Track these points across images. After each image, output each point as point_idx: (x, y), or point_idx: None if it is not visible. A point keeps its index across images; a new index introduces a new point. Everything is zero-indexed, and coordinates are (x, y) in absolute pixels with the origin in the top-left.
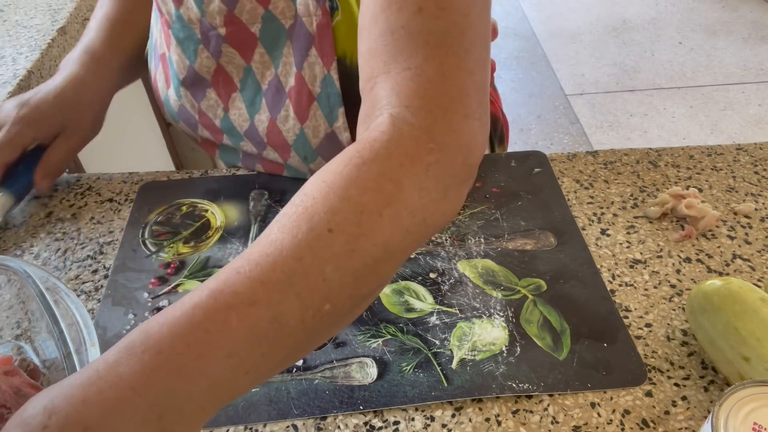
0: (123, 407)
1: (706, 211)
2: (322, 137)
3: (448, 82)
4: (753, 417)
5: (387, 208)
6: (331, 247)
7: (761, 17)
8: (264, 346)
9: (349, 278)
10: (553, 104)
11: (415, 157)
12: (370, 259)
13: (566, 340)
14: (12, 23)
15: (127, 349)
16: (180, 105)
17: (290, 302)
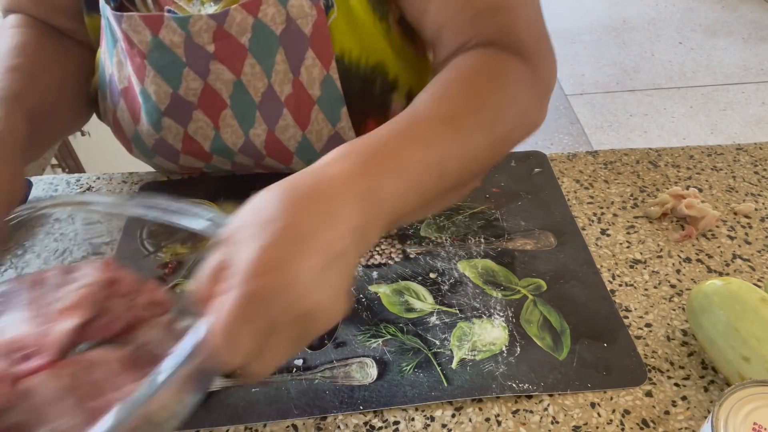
0: (337, 196)
1: (706, 211)
2: (326, 140)
3: (535, 24)
4: (753, 417)
5: (512, 105)
6: (481, 120)
7: (761, 17)
8: (433, 177)
9: (489, 145)
10: (553, 104)
11: (525, 74)
12: (502, 134)
13: (566, 340)
14: None
15: (334, 157)
16: (157, 139)
17: (454, 151)
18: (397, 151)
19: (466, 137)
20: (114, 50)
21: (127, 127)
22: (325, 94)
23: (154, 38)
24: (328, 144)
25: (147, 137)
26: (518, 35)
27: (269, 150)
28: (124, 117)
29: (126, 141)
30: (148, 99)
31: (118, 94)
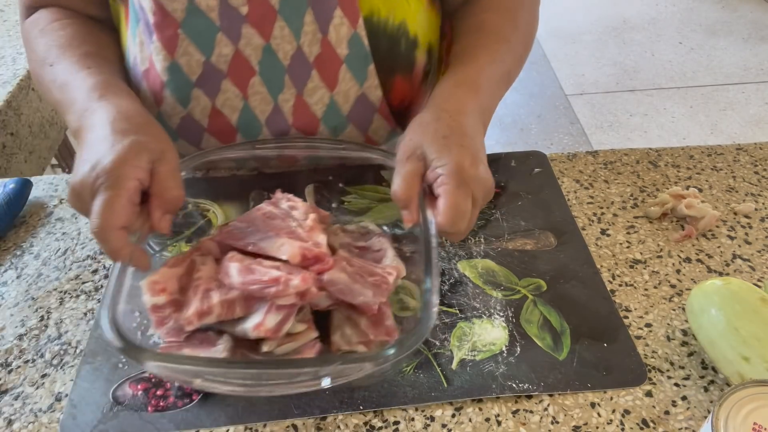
0: (472, 111)
1: (706, 211)
2: (353, 102)
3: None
4: (753, 417)
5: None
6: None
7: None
8: (503, 82)
9: (521, 42)
10: (553, 104)
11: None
12: (526, 35)
13: (566, 340)
14: (12, 23)
15: (453, 87)
16: (183, 117)
17: (509, 59)
18: (484, 76)
19: (513, 48)
20: (136, 30)
21: (150, 109)
22: (353, 53)
23: (189, 4)
24: (354, 106)
25: (171, 117)
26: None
27: (296, 117)
28: (146, 99)
29: None
30: (177, 72)
31: (140, 76)
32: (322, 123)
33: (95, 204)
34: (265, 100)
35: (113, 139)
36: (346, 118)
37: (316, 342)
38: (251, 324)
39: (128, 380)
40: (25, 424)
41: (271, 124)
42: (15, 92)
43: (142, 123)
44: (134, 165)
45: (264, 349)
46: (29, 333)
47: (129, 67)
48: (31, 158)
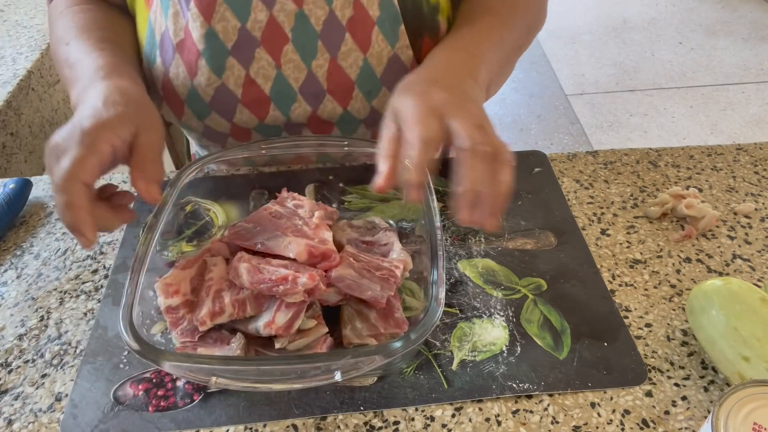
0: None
1: (706, 211)
2: (386, 63)
3: None
4: (753, 417)
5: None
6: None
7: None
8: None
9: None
10: (553, 104)
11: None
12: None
13: (566, 339)
14: (12, 23)
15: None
16: (217, 88)
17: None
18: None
19: (513, 28)
20: (170, 2)
21: (182, 85)
22: (384, 13)
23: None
24: (388, 67)
25: (205, 89)
26: None
27: (330, 82)
28: (179, 73)
29: (179, 103)
30: (213, 39)
31: (173, 49)
32: (357, 87)
33: (63, 159)
34: (298, 68)
35: (102, 108)
36: (379, 81)
37: (327, 337)
38: (262, 322)
39: (129, 380)
40: (25, 424)
41: (305, 91)
42: (15, 92)
43: (135, 100)
44: (112, 132)
45: (276, 346)
46: (29, 333)
47: (153, 45)
48: (31, 158)
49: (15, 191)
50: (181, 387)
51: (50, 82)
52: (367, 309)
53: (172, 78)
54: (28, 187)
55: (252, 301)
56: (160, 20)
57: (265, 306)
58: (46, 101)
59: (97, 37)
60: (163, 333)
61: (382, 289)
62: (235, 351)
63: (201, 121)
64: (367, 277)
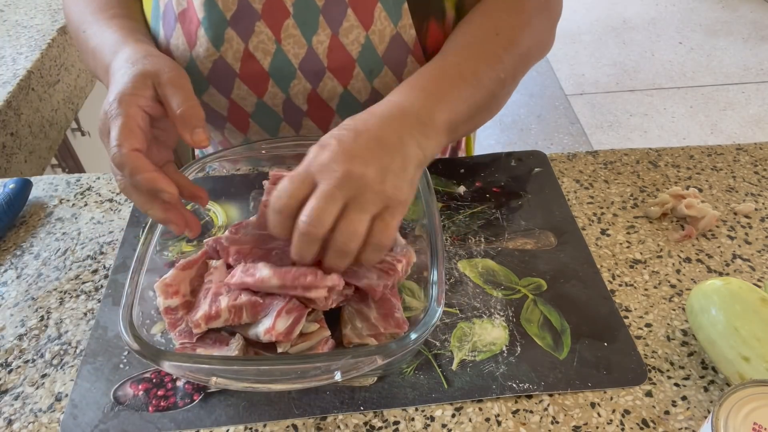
0: (400, 115)
1: (706, 211)
2: (388, 41)
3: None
4: (753, 417)
5: (527, 28)
6: (501, 42)
7: (761, 17)
8: (470, 89)
9: (512, 61)
10: (553, 104)
11: (541, 8)
12: (521, 52)
13: (566, 339)
14: (12, 23)
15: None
16: (215, 61)
17: (483, 68)
18: (443, 89)
19: (493, 59)
20: None
21: (181, 56)
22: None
23: None
24: (390, 46)
25: (203, 61)
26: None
27: (331, 60)
28: (179, 45)
29: None
30: (213, 8)
31: (174, 20)
32: (358, 65)
33: (108, 138)
34: (298, 43)
35: (124, 70)
36: (381, 59)
37: (329, 339)
38: (263, 328)
39: (129, 380)
40: (25, 424)
41: (305, 68)
42: (15, 92)
43: (153, 54)
44: (135, 94)
45: (279, 350)
46: (29, 333)
47: (156, 17)
48: (31, 158)
49: (15, 191)
50: (181, 387)
51: (50, 82)
52: (367, 308)
53: (172, 50)
54: (28, 187)
55: (249, 308)
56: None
57: (262, 314)
58: (46, 101)
59: (108, 17)
60: (163, 333)
61: (379, 278)
62: (234, 352)
63: (199, 97)
64: (364, 268)
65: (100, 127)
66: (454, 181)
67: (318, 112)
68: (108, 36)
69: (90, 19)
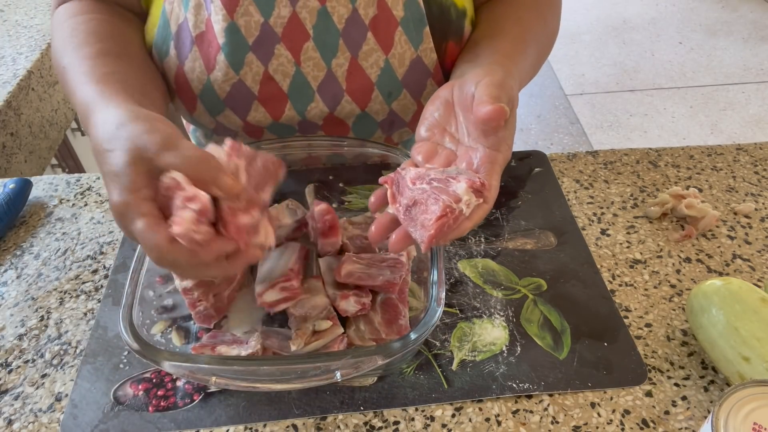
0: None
1: (706, 211)
2: (408, 65)
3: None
4: (753, 417)
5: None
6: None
7: (761, 17)
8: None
9: (546, 41)
10: (553, 104)
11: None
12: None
13: (567, 339)
14: (12, 23)
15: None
16: (233, 84)
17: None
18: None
19: (539, 40)
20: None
21: (197, 79)
22: (409, 14)
23: None
24: (410, 69)
25: (221, 84)
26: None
27: (350, 83)
28: (195, 67)
29: (191, 98)
30: (235, 34)
31: (191, 42)
32: (377, 88)
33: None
34: (318, 66)
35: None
36: (400, 83)
37: (344, 338)
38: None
39: (129, 380)
40: (25, 424)
41: (323, 90)
42: (15, 92)
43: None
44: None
45: (292, 348)
46: (29, 333)
47: (167, 37)
48: (31, 158)
49: (15, 191)
50: (181, 387)
51: (50, 82)
52: (373, 312)
53: (187, 71)
54: (28, 187)
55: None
56: (178, 11)
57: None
58: (46, 101)
59: (90, 54)
60: (163, 333)
61: (392, 273)
62: (250, 351)
63: (213, 117)
64: (375, 268)
65: (120, 225)
66: None
67: (333, 128)
68: (84, 88)
69: (71, 52)
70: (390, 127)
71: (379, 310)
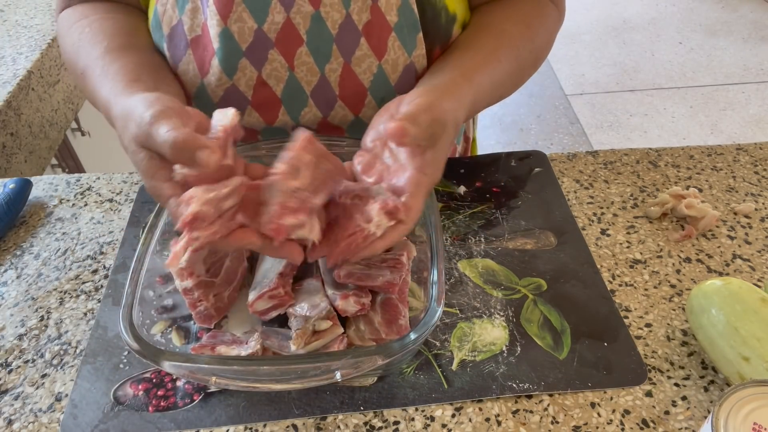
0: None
1: (706, 211)
2: (401, 71)
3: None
4: (753, 417)
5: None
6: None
7: (761, 17)
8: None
9: (529, 57)
10: (553, 104)
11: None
12: (536, 49)
13: (566, 339)
14: (12, 23)
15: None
16: (227, 89)
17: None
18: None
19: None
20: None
21: (191, 82)
22: (402, 20)
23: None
24: (402, 75)
25: (215, 89)
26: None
27: (342, 88)
28: (189, 70)
29: (188, 96)
30: (229, 39)
31: (185, 45)
32: (370, 93)
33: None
34: (311, 71)
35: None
36: (393, 88)
37: (344, 338)
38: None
39: (129, 380)
40: (25, 424)
41: (316, 96)
42: (15, 92)
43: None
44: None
45: (292, 348)
46: (29, 333)
47: (160, 38)
48: (31, 158)
49: (15, 191)
50: (181, 387)
51: (50, 82)
52: (373, 312)
53: (180, 74)
54: (28, 187)
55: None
56: (171, 13)
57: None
58: (46, 101)
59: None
60: (163, 333)
61: (392, 273)
62: (250, 351)
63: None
64: (375, 268)
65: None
66: (454, 181)
67: (328, 133)
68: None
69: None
70: None
71: (379, 310)
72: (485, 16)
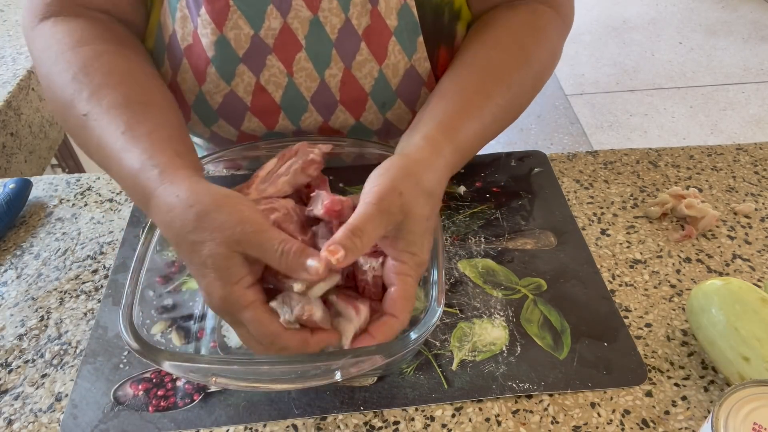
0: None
1: (706, 211)
2: (402, 75)
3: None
4: (753, 417)
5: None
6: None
7: (761, 17)
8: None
9: (525, 82)
10: (553, 104)
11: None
12: (534, 71)
13: (566, 339)
14: (12, 23)
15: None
16: (226, 95)
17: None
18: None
19: (512, 85)
20: (177, 5)
21: (189, 90)
22: (402, 24)
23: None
24: (404, 79)
25: (213, 96)
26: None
27: (343, 93)
28: (186, 79)
29: (185, 109)
30: (225, 47)
31: (181, 54)
32: (371, 98)
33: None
34: (310, 77)
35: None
36: (394, 93)
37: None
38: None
39: (129, 380)
40: (25, 424)
41: (316, 101)
42: (15, 92)
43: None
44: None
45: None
46: (29, 333)
47: (161, 47)
48: (31, 158)
49: (15, 191)
50: (181, 387)
51: None
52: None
53: (179, 82)
54: (28, 187)
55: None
56: (168, 22)
57: None
58: (46, 101)
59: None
60: (163, 333)
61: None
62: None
63: (207, 127)
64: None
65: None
66: (454, 181)
67: (328, 135)
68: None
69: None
70: (386, 136)
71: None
72: (471, 44)
